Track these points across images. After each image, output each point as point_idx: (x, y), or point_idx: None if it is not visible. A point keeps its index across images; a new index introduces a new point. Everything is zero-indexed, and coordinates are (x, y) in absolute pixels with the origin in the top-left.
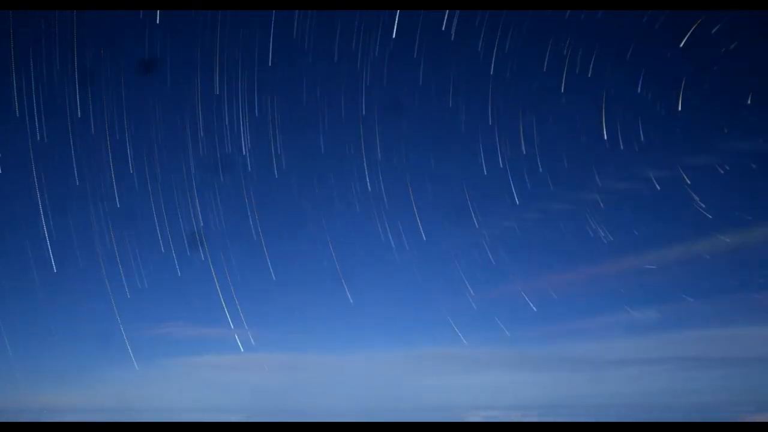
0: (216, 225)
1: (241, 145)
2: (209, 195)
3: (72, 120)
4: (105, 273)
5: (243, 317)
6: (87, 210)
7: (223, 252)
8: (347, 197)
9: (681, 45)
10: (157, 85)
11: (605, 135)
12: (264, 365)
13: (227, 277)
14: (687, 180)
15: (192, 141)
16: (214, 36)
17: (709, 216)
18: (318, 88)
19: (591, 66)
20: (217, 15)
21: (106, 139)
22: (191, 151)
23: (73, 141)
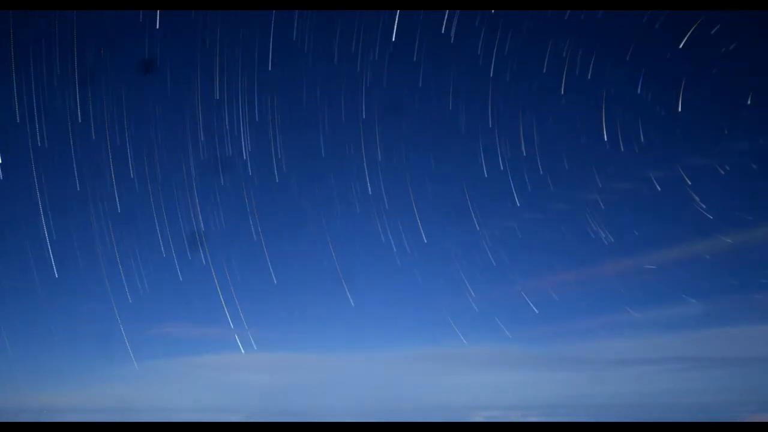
0: (216, 227)
1: (242, 149)
2: (210, 198)
3: (72, 125)
4: (105, 275)
5: (243, 317)
6: (87, 214)
7: (224, 254)
8: (347, 199)
9: (681, 46)
10: (158, 90)
11: (605, 136)
12: (264, 365)
13: (228, 279)
14: (687, 180)
15: (192, 145)
16: (213, 40)
17: (710, 216)
18: (318, 90)
19: (591, 67)
20: (217, 19)
21: (106, 144)
22: (192, 155)
23: (74, 145)
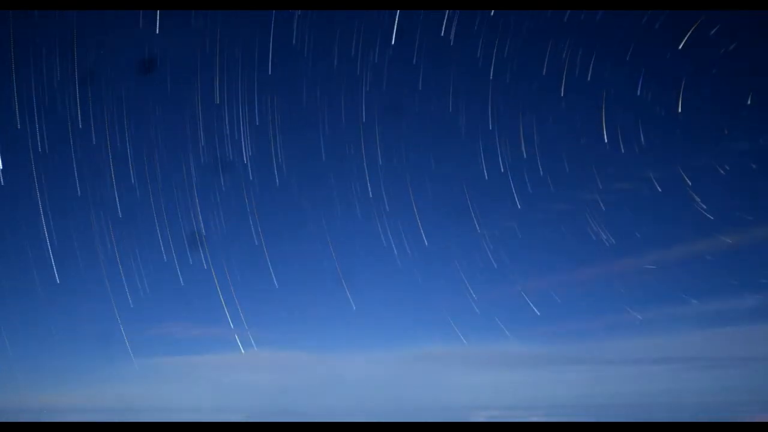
0: (217, 229)
1: (242, 152)
2: (210, 200)
3: (73, 129)
4: (106, 276)
5: (243, 317)
6: (88, 218)
7: (225, 256)
8: (348, 200)
9: (680, 46)
10: (158, 93)
11: (605, 137)
12: (264, 365)
13: (228, 280)
14: (688, 181)
15: (193, 148)
16: (213, 43)
17: (711, 217)
18: (318, 93)
19: (590, 68)
20: (216, 22)
21: (107, 148)
22: (192, 158)
23: (74, 150)
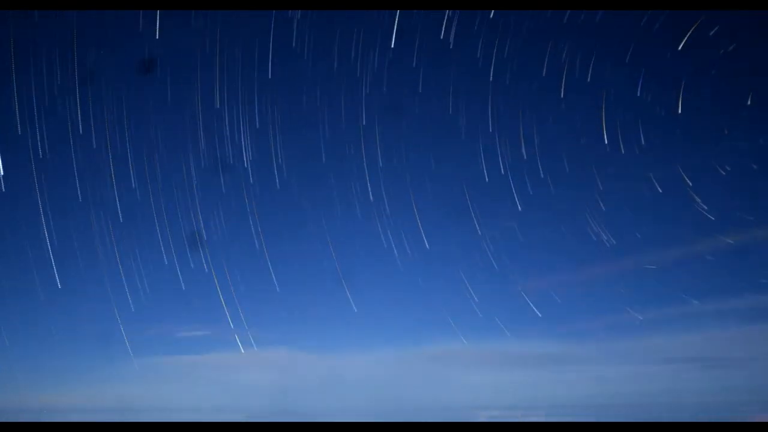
0: (218, 233)
1: (243, 155)
2: (211, 204)
3: (73, 135)
4: (107, 279)
5: (243, 317)
6: (89, 223)
7: (226, 259)
8: (348, 203)
9: (680, 47)
10: (158, 99)
11: (605, 138)
12: (264, 365)
13: (229, 284)
14: (688, 181)
15: (193, 152)
16: (213, 48)
17: (711, 217)
18: (318, 97)
19: (590, 69)
20: (216, 26)
21: (107, 153)
22: (193, 164)
23: (75, 156)
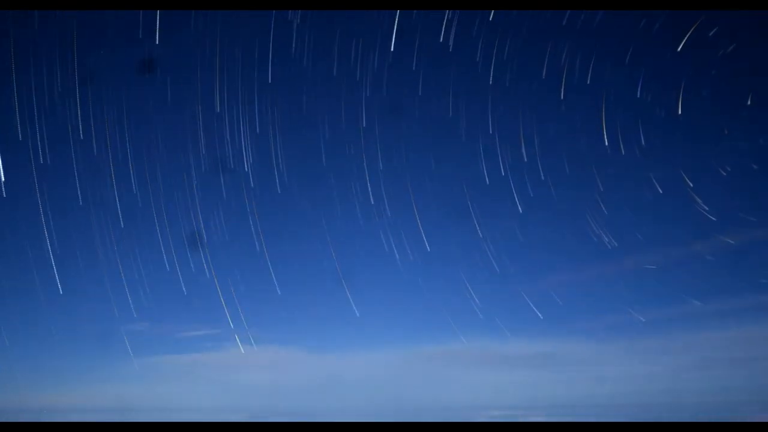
0: (219, 237)
1: (243, 160)
2: (212, 208)
3: (74, 141)
4: (107, 281)
5: (243, 317)
6: (90, 226)
7: (227, 263)
8: (349, 207)
9: (679, 48)
10: (158, 105)
11: (606, 140)
12: (264, 365)
13: (230, 285)
14: (689, 182)
15: (194, 159)
16: (213, 53)
17: (712, 218)
18: (318, 100)
19: (590, 71)
20: (216, 31)
21: (108, 158)
22: (194, 169)
23: (76, 162)
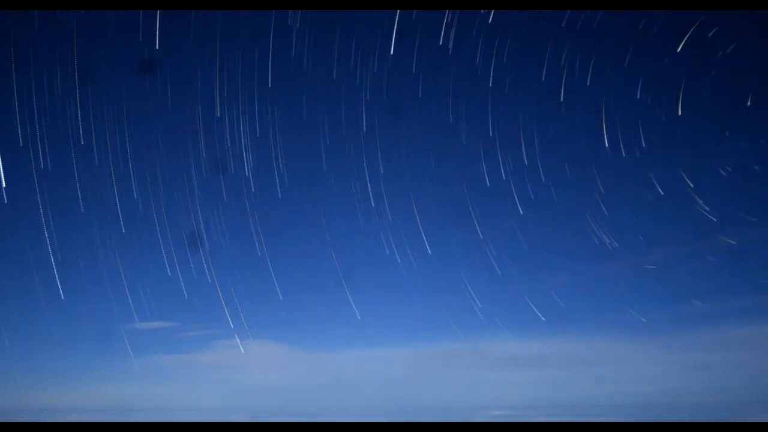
0: (220, 238)
1: (244, 165)
2: (214, 213)
3: (75, 148)
4: (107, 277)
5: (243, 318)
6: (91, 229)
7: (228, 267)
8: (350, 210)
9: (678, 49)
10: (159, 110)
11: (606, 141)
12: (265, 365)
13: (231, 288)
14: (690, 183)
15: (195, 164)
16: (213, 57)
17: (713, 219)
18: (318, 105)
19: (589, 72)
20: (216, 36)
21: (109, 166)
22: (195, 175)
23: (77, 169)
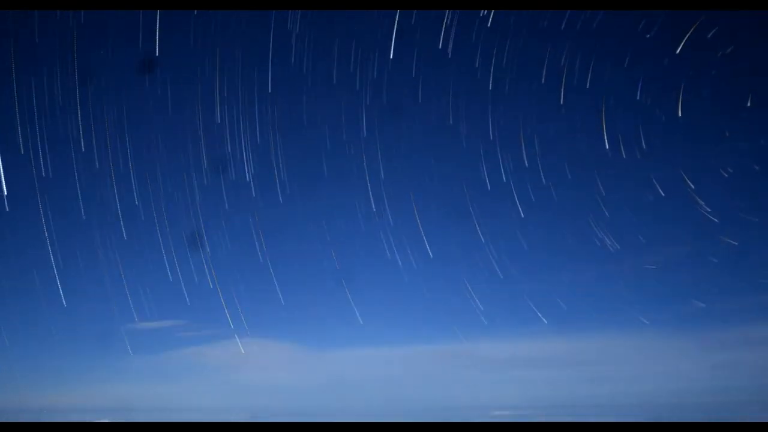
0: (221, 242)
1: (245, 171)
2: (215, 222)
3: (76, 154)
4: (107, 277)
5: (243, 318)
6: (92, 234)
7: (228, 267)
8: (352, 217)
9: (678, 51)
10: (159, 118)
11: (606, 143)
12: (264, 365)
13: (232, 292)
14: (690, 184)
15: (196, 170)
16: (213, 64)
17: (714, 219)
18: (319, 110)
19: (589, 75)
20: (216, 42)
21: (110, 172)
22: (196, 181)
23: (78, 175)
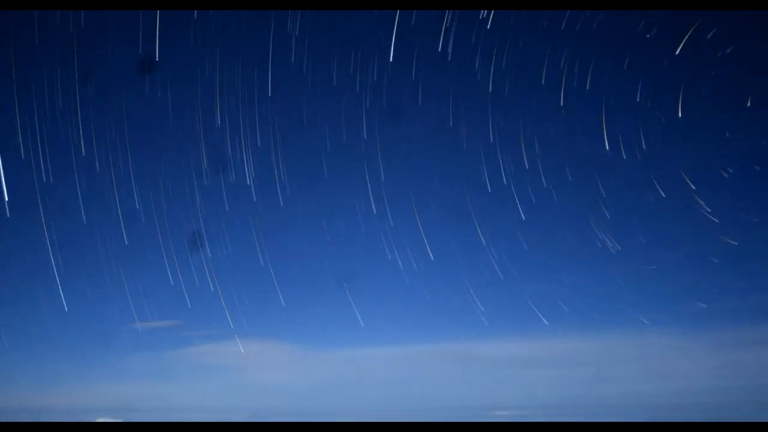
0: (222, 243)
1: (245, 175)
2: (216, 224)
3: (77, 159)
4: (107, 277)
5: (243, 318)
6: (93, 236)
7: (229, 268)
8: (352, 220)
9: (677, 51)
10: (159, 123)
11: (607, 144)
12: (264, 365)
13: (232, 292)
14: (691, 185)
15: (196, 172)
16: (213, 67)
17: (715, 220)
18: (319, 113)
19: (589, 77)
20: (216, 45)
21: (111, 177)
22: (196, 182)
23: (78, 178)
